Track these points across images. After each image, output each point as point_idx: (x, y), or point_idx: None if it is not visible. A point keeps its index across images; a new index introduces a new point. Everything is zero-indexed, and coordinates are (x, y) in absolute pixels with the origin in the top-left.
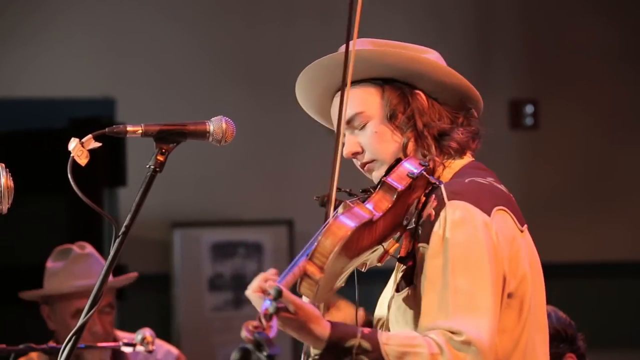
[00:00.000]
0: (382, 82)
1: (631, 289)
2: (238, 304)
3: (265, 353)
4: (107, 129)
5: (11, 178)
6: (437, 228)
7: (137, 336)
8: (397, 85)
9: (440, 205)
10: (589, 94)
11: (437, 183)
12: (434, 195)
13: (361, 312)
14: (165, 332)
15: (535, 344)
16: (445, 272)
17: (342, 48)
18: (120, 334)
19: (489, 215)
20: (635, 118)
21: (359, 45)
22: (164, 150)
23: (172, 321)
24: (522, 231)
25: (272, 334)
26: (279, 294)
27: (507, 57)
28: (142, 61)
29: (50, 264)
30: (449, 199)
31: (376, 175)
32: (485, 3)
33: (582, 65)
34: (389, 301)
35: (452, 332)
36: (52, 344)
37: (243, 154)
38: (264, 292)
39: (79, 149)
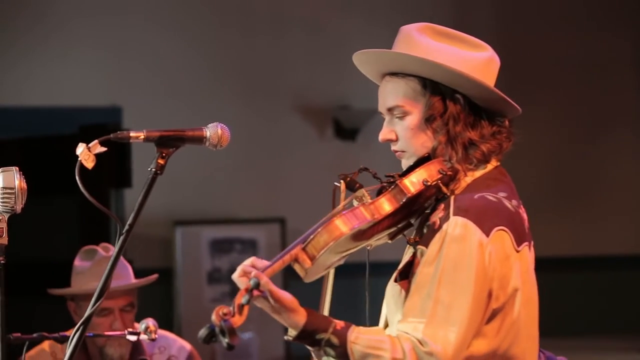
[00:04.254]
0: (427, 82)
1: (598, 281)
2: (235, 295)
3: (226, 340)
4: (112, 135)
5: (24, 180)
6: (437, 238)
7: (141, 325)
8: (439, 89)
9: (446, 218)
10: (558, 100)
11: (447, 194)
12: (443, 205)
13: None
14: (167, 322)
15: (522, 350)
16: (432, 281)
17: (396, 43)
18: (135, 324)
19: (488, 235)
20: (600, 121)
21: (417, 34)
22: (164, 154)
23: (174, 312)
24: (518, 251)
25: (238, 324)
26: (257, 285)
27: None
28: (147, 72)
29: (77, 262)
30: (454, 214)
31: (405, 163)
32: (462, 16)
33: (552, 74)
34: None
35: (420, 342)
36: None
37: (240, 157)
38: (247, 275)
39: (86, 154)
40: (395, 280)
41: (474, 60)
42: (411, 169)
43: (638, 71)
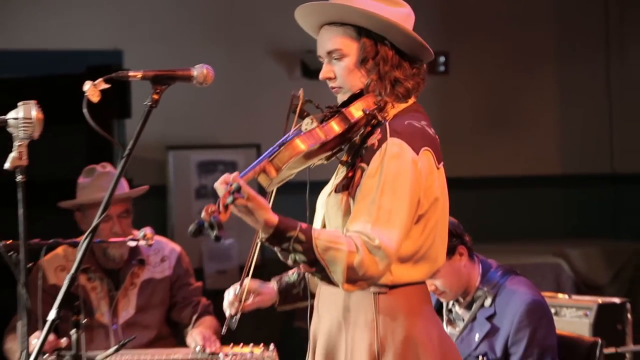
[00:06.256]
0: (360, 29)
1: (524, 196)
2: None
3: (215, 233)
4: (114, 74)
5: (41, 112)
6: (377, 156)
7: (140, 233)
8: (371, 35)
9: (383, 139)
10: (491, 38)
11: (383, 121)
12: (379, 129)
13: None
14: (162, 231)
15: (436, 251)
16: (376, 191)
17: None
18: (135, 232)
19: (417, 153)
20: (525, 55)
21: None
22: (158, 90)
23: (167, 222)
24: (438, 168)
25: (224, 220)
26: (238, 188)
27: (424, 17)
28: (145, 21)
29: (80, 179)
30: (390, 136)
31: (340, 98)
32: None
33: (484, 18)
34: (327, 196)
35: (369, 237)
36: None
37: (222, 93)
38: (227, 183)
39: (92, 90)
40: (336, 191)
41: (397, 13)
42: (350, 101)
43: (557, 7)
